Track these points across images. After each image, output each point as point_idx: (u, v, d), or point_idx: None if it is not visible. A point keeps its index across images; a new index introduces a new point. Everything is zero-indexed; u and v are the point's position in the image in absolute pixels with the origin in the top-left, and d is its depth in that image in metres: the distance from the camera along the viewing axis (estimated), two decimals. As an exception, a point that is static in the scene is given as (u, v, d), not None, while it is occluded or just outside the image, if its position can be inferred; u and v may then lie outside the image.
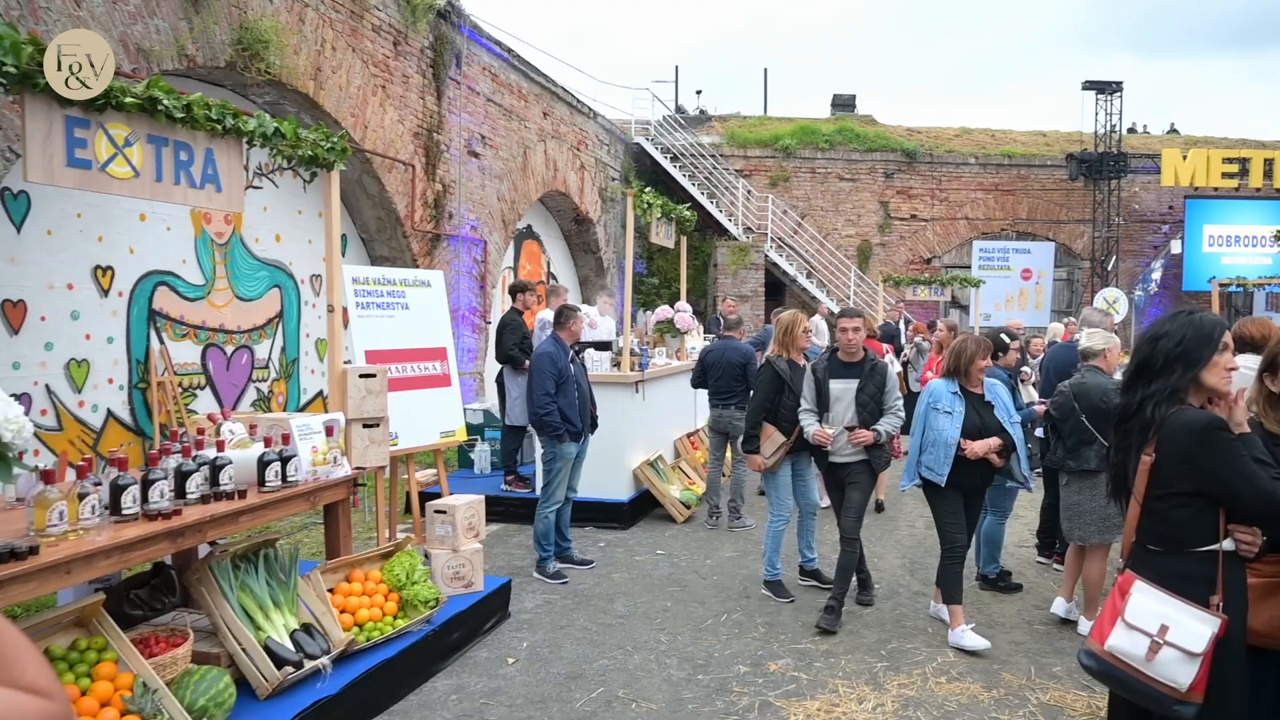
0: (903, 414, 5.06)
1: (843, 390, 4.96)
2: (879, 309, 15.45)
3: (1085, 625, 4.81)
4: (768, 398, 5.37)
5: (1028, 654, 4.59)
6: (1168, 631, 2.32)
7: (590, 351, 7.30)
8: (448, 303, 6.54)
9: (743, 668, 4.38)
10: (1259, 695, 2.55)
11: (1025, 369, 7.30)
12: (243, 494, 3.66)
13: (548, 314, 7.60)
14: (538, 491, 6.09)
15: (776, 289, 17.53)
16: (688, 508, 7.46)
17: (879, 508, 9.02)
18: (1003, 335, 5.65)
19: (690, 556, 6.40)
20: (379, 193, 9.17)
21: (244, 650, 3.46)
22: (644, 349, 7.82)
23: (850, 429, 4.90)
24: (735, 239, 17.06)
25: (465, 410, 8.77)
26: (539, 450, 5.97)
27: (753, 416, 5.48)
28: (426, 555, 4.86)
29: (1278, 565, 2.54)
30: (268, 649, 3.48)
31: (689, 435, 8.80)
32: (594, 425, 6.10)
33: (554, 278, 14.49)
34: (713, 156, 17.79)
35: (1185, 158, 17.98)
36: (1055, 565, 5.95)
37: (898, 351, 11.98)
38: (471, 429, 8.60)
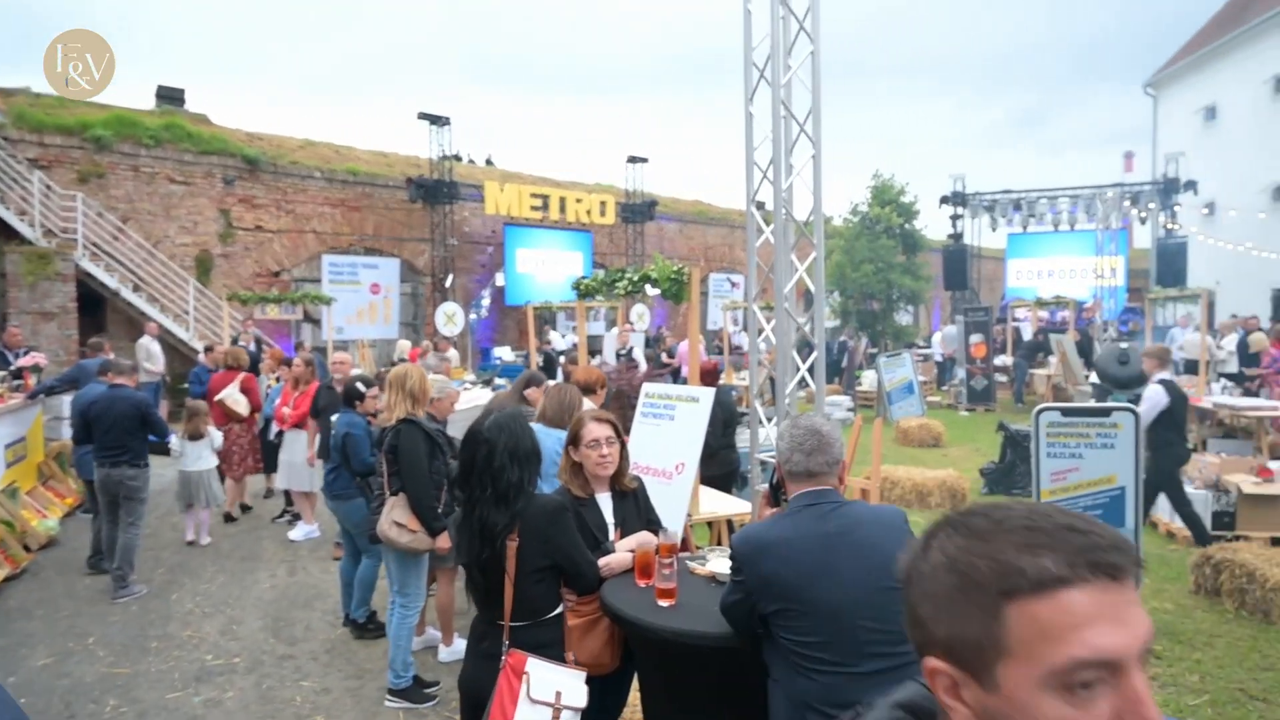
0: None
1: None
2: (224, 328, 14.35)
3: (445, 653, 5.17)
4: (427, 466, 4.46)
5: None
6: (562, 696, 2.67)
7: None
8: None
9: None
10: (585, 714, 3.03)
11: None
12: None
13: None
14: None
15: (95, 304, 14.92)
16: (-24, 610, 5.82)
17: (226, 517, 8.48)
18: (358, 384, 5.65)
19: (-17, 679, 4.99)
20: None
21: None
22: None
23: None
24: (32, 244, 13.98)
25: None
26: None
27: (430, 495, 4.46)
28: None
29: (591, 605, 3.06)
30: None
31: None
32: None
33: None
34: (-6, 138, 14.26)
35: (503, 190, 20.83)
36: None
37: (255, 370, 11.24)
38: None
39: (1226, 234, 25.07)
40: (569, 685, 2.71)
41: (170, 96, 18.44)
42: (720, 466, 6.53)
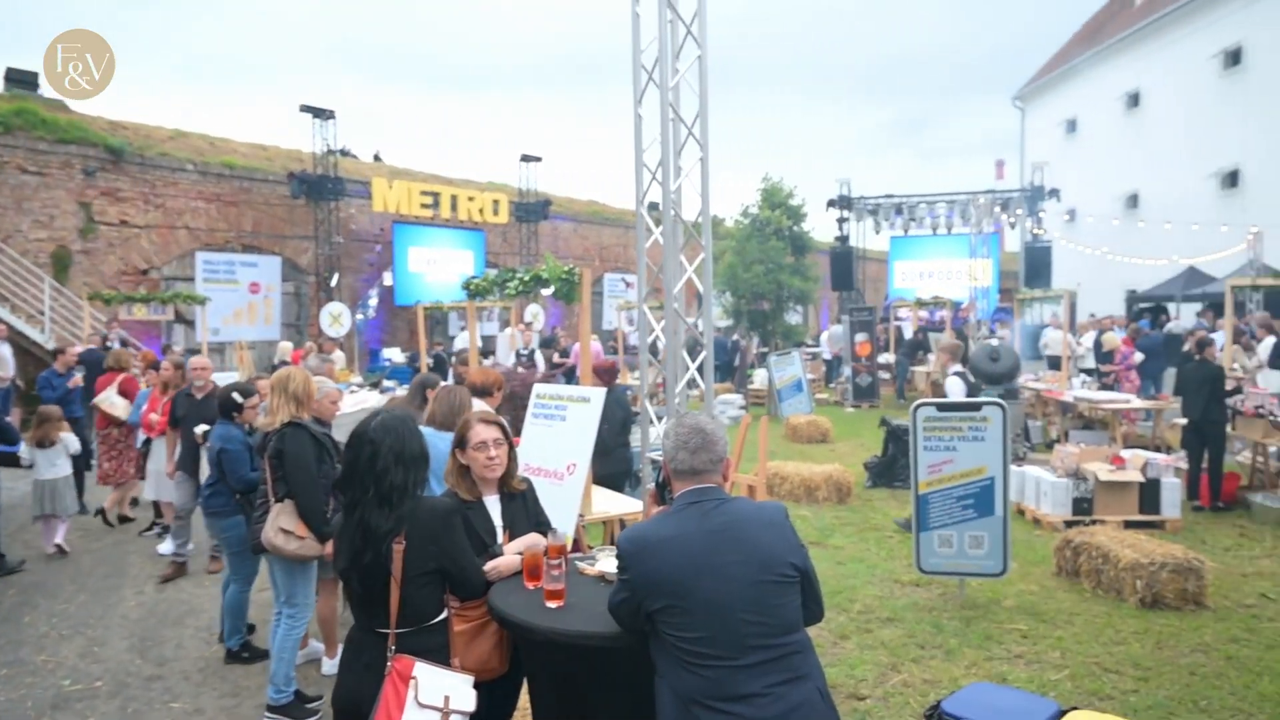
0: None
1: None
2: (85, 329, 13.42)
3: (329, 665, 4.98)
4: (315, 470, 4.28)
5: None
6: (450, 700, 2.61)
7: None
8: None
9: None
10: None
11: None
12: None
13: None
14: None
15: (-64, 303, 13.71)
16: None
17: (103, 516, 8.11)
18: (234, 394, 5.33)
19: None
20: None
21: None
22: None
23: None
24: None
25: None
26: None
27: (319, 500, 4.28)
28: None
29: (479, 609, 3.00)
30: None
31: None
32: None
33: None
34: None
35: (391, 187, 20.27)
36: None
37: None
38: None
39: (1086, 239, 26.93)
40: (457, 689, 2.66)
41: (21, 80, 17.09)
42: (616, 464, 6.57)
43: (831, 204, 23.44)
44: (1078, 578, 6.07)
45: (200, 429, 6.11)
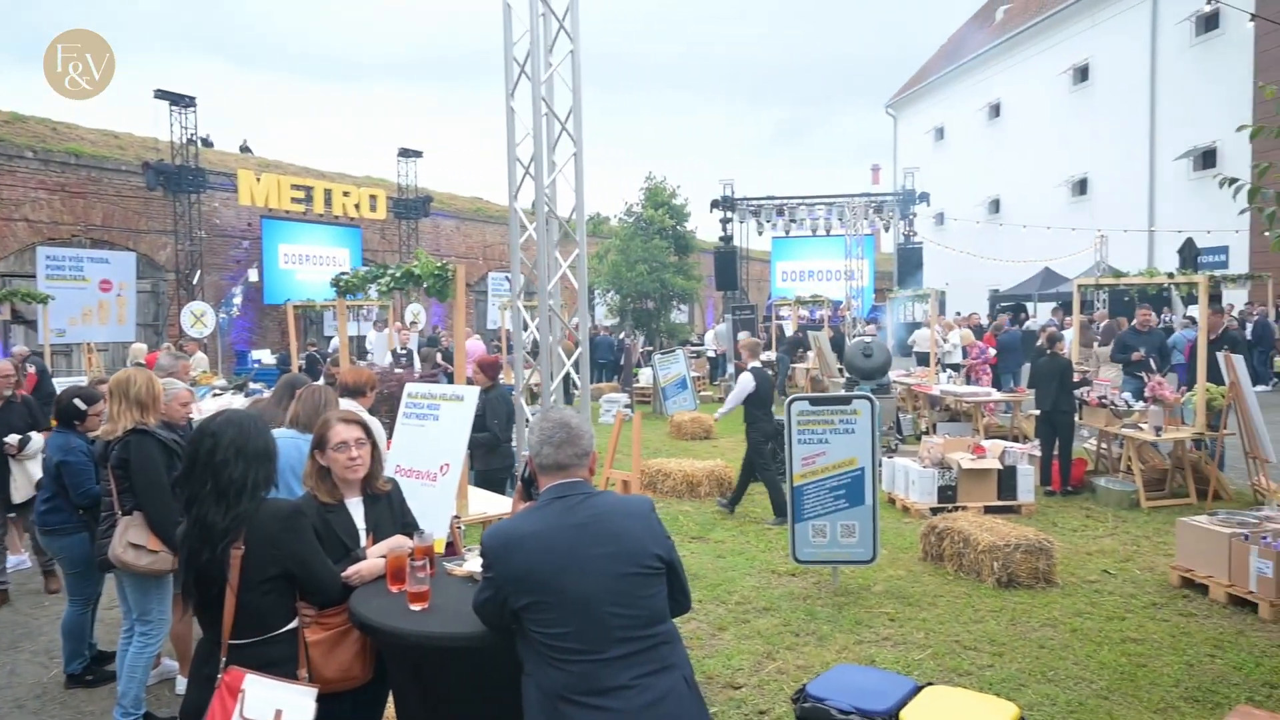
0: None
1: None
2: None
3: (183, 684, 4.67)
4: (166, 478, 3.99)
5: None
6: (283, 714, 2.46)
7: None
8: None
9: None
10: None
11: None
12: None
13: None
14: None
15: None
16: None
17: None
18: (75, 401, 4.90)
19: None
20: None
21: None
22: None
23: None
24: None
25: None
26: None
27: (172, 509, 3.86)
28: None
29: (339, 617, 2.86)
30: None
31: None
32: None
33: None
34: None
35: (259, 180, 19.29)
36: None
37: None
38: None
39: (953, 241, 28.42)
40: (293, 703, 2.51)
41: None
42: (503, 459, 6.57)
43: (715, 205, 23.85)
44: (941, 561, 6.36)
45: (11, 438, 5.63)
